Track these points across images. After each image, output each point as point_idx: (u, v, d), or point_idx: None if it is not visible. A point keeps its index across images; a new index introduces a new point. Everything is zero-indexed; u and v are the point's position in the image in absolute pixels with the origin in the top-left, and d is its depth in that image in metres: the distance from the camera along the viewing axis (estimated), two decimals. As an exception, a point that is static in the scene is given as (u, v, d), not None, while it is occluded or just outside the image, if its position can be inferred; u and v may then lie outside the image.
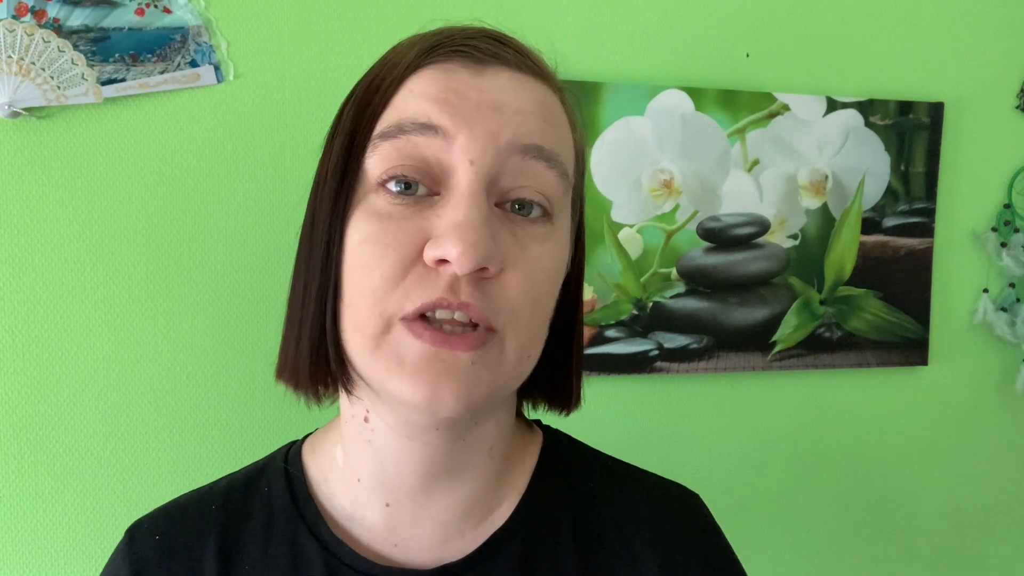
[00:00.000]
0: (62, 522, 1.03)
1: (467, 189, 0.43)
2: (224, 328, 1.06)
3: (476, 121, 0.44)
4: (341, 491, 0.52)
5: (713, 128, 1.19)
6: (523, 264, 0.44)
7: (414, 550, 0.50)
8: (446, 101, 0.44)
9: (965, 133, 1.31)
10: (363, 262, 0.44)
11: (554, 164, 0.46)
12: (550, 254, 0.46)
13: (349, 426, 0.51)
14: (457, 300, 0.42)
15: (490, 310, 0.43)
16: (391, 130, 0.45)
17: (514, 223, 0.45)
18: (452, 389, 0.42)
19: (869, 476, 1.33)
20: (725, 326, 1.22)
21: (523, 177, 0.45)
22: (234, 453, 1.08)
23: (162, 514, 0.54)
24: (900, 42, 1.27)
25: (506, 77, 0.46)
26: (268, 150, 1.06)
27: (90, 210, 1.01)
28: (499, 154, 0.44)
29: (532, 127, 0.45)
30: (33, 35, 0.97)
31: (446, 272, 0.42)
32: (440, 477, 0.49)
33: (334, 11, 1.07)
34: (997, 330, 1.32)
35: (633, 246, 1.18)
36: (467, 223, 0.42)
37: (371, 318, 0.43)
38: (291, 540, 0.51)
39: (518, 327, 0.45)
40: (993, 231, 1.32)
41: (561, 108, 0.49)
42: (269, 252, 1.06)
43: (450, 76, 0.45)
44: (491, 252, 0.42)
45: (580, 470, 0.56)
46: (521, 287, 0.44)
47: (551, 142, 0.46)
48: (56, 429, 1.02)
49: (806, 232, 1.24)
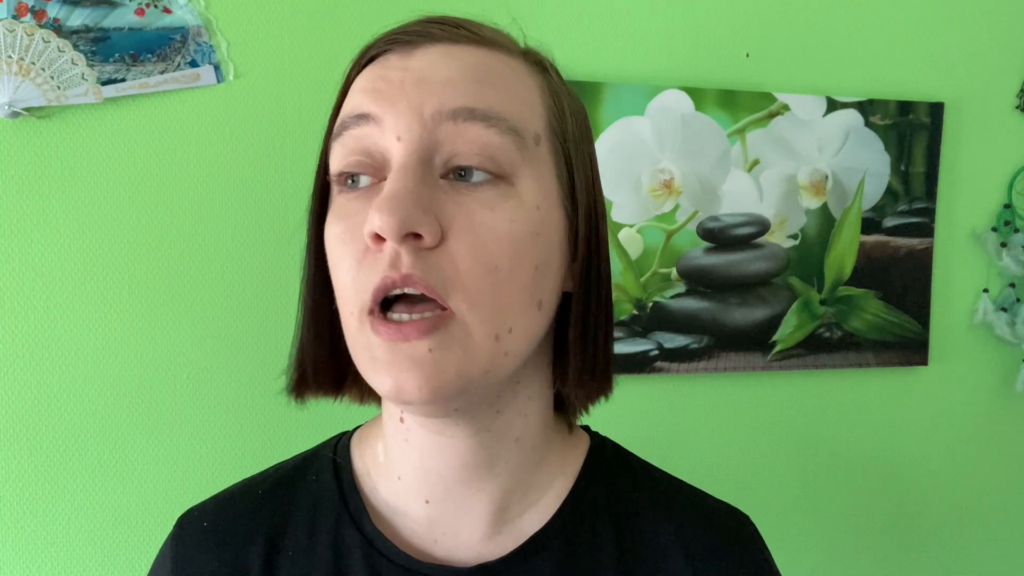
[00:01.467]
0: (62, 522, 1.03)
1: (397, 163, 0.43)
2: (224, 328, 1.06)
3: (399, 98, 0.44)
4: (383, 486, 0.52)
5: (713, 128, 1.19)
6: (467, 229, 0.43)
7: (453, 547, 0.51)
8: (374, 89, 0.45)
9: (965, 133, 1.31)
10: (334, 263, 0.45)
11: (494, 122, 0.44)
12: (505, 217, 0.44)
13: (388, 426, 0.51)
14: (399, 273, 0.41)
15: (437, 280, 0.42)
16: (337, 129, 0.46)
17: (459, 191, 0.43)
18: (413, 378, 0.42)
19: (869, 476, 1.33)
20: (725, 326, 1.22)
21: (460, 142, 0.43)
22: (234, 453, 1.08)
23: (212, 502, 0.55)
24: (900, 42, 1.27)
25: (436, 52, 0.46)
26: (268, 150, 1.06)
27: (90, 210, 1.01)
28: (425, 125, 0.43)
29: (460, 91, 0.44)
30: (33, 35, 0.97)
31: (388, 248, 0.42)
32: (474, 471, 0.50)
33: (334, 11, 1.07)
34: (997, 330, 1.32)
35: (633, 246, 1.18)
36: (387, 194, 0.41)
37: (350, 317, 0.44)
38: (334, 531, 0.51)
39: (477, 301, 0.43)
40: (993, 231, 1.32)
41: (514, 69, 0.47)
42: (269, 251, 1.06)
43: (382, 65, 0.46)
44: (413, 216, 0.41)
45: (626, 479, 0.56)
46: (469, 254, 0.42)
47: (487, 101, 0.44)
48: (56, 429, 1.02)
49: (806, 232, 1.24)
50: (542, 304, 0.47)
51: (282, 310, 1.07)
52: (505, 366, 0.45)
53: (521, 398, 0.50)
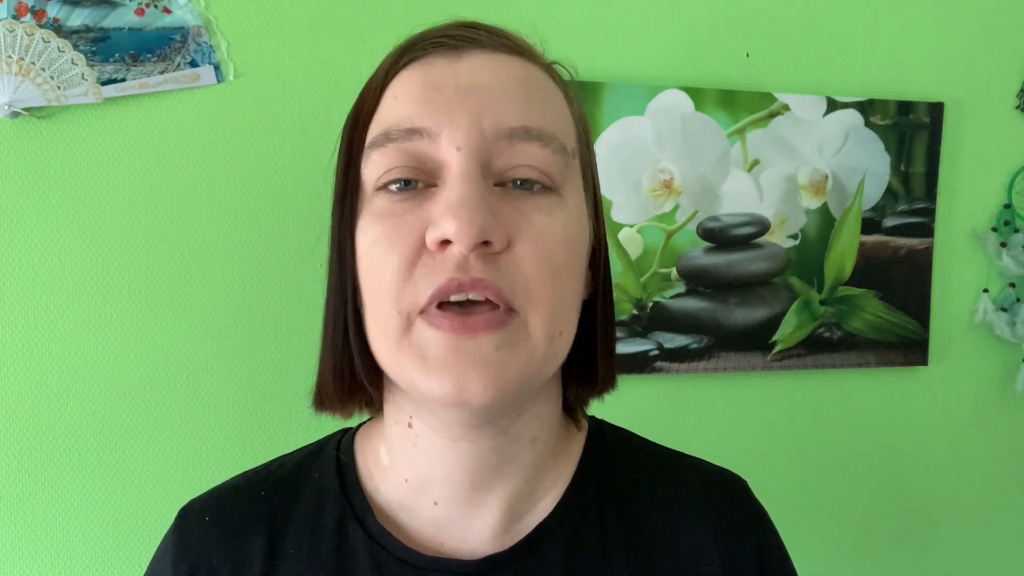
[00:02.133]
0: (62, 522, 1.03)
1: (458, 171, 0.43)
2: (224, 328, 1.06)
3: (456, 108, 0.44)
4: (386, 487, 0.52)
5: (713, 128, 1.19)
6: (531, 235, 0.43)
7: (461, 546, 0.50)
8: (426, 99, 0.44)
9: (965, 133, 1.31)
10: (374, 264, 0.44)
11: (547, 141, 0.45)
12: (561, 223, 0.45)
13: (393, 431, 0.51)
14: (468, 277, 0.41)
15: (505, 284, 0.42)
16: (379, 139, 0.45)
17: (517, 198, 0.44)
18: (479, 377, 0.41)
19: (869, 476, 1.33)
20: (725, 326, 1.22)
21: (517, 158, 0.44)
22: (234, 453, 1.08)
23: (213, 495, 0.55)
24: (900, 42, 1.27)
25: (483, 58, 0.46)
26: (268, 150, 1.06)
27: (90, 210, 1.01)
28: (484, 137, 0.44)
29: (515, 107, 0.45)
30: (33, 35, 0.97)
31: (452, 253, 0.42)
32: (487, 474, 0.49)
33: (334, 11, 1.07)
34: (997, 330, 1.32)
35: (633, 246, 1.18)
36: (460, 199, 0.41)
37: (391, 318, 0.44)
38: (338, 528, 0.51)
39: (539, 303, 0.43)
40: (993, 231, 1.32)
41: (549, 81, 0.49)
42: (269, 251, 1.06)
43: (428, 70, 0.46)
44: (489, 224, 0.41)
45: (628, 459, 0.56)
46: (534, 258, 0.43)
47: (538, 119, 0.45)
48: (56, 429, 1.02)
49: (806, 232, 1.24)
50: (578, 311, 0.49)
51: (282, 310, 1.07)
52: (552, 368, 0.47)
53: (540, 400, 0.51)
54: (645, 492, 0.54)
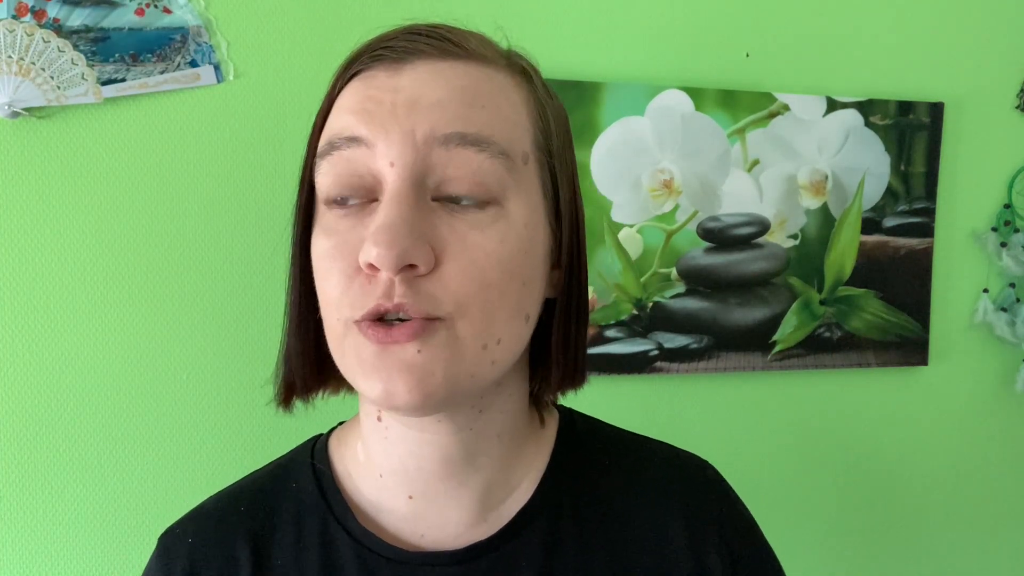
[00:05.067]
0: (62, 522, 1.03)
1: (390, 191, 0.44)
2: (224, 328, 1.06)
3: (391, 123, 0.44)
4: (365, 485, 0.53)
5: (713, 128, 1.19)
6: (462, 254, 0.44)
7: (440, 539, 0.52)
8: (364, 110, 0.45)
9: (965, 133, 1.31)
10: (321, 275, 0.47)
11: (485, 146, 0.45)
12: (496, 238, 0.45)
13: (366, 424, 0.53)
14: (391, 303, 0.43)
15: (429, 305, 0.43)
16: (325, 148, 0.46)
17: (453, 214, 0.45)
18: (404, 382, 0.43)
19: (869, 476, 1.33)
20: (725, 326, 1.22)
21: (453, 167, 0.44)
22: (234, 453, 1.08)
23: (191, 517, 0.55)
24: (900, 42, 1.27)
25: (424, 70, 0.46)
26: (268, 150, 1.06)
27: (90, 210, 1.02)
28: (418, 150, 0.44)
29: (451, 115, 0.44)
30: (33, 35, 0.97)
31: (382, 277, 0.43)
32: (456, 467, 0.51)
33: (334, 11, 1.07)
34: (997, 330, 1.32)
35: (633, 246, 1.18)
36: (383, 224, 0.42)
37: (335, 325, 0.46)
38: (321, 533, 0.52)
39: (468, 313, 0.44)
40: (993, 231, 1.32)
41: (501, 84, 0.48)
42: (269, 252, 1.06)
43: (369, 83, 0.46)
44: (411, 248, 0.42)
45: (595, 445, 0.58)
46: (463, 276, 0.44)
47: (475, 125, 0.45)
48: (56, 429, 1.02)
49: (806, 232, 1.24)
50: (529, 317, 0.49)
51: (282, 310, 1.07)
52: (491, 373, 0.47)
53: (503, 397, 0.52)
54: (615, 477, 0.56)
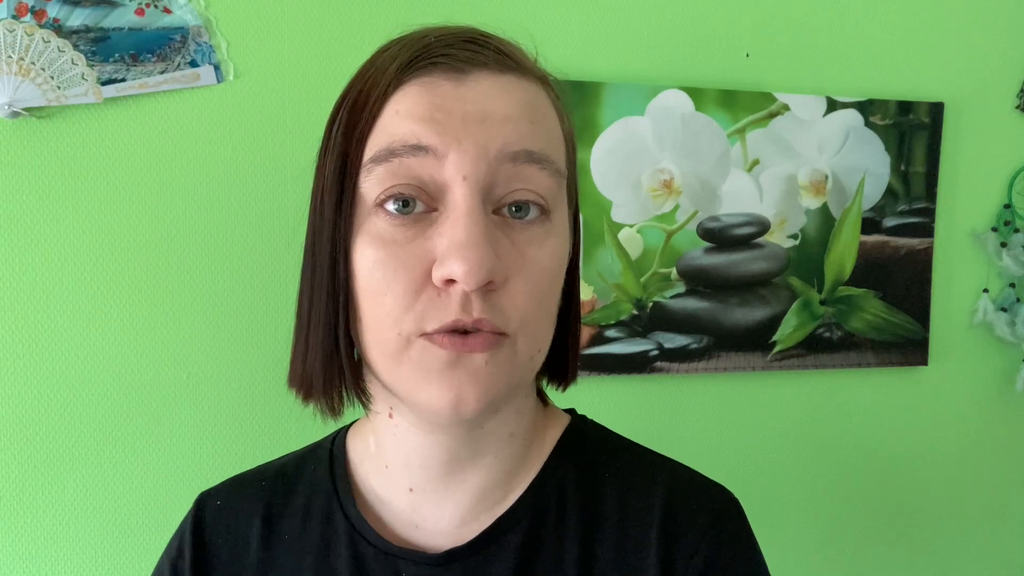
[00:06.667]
0: (62, 522, 1.03)
1: (464, 206, 0.44)
2: (224, 328, 1.06)
3: (464, 135, 0.44)
4: (373, 475, 0.55)
5: (713, 128, 1.19)
6: (524, 270, 0.46)
7: (433, 532, 0.53)
8: (432, 120, 0.45)
9: (965, 133, 1.31)
10: (375, 287, 0.46)
11: (546, 165, 0.47)
12: (549, 253, 0.48)
13: (377, 419, 0.54)
14: (471, 318, 0.44)
15: (501, 320, 0.45)
16: (383, 154, 0.45)
17: (512, 228, 0.46)
18: (473, 391, 0.45)
19: (869, 476, 1.33)
20: (725, 326, 1.22)
21: (516, 181, 0.46)
22: (234, 453, 1.08)
23: (225, 485, 0.60)
24: (900, 42, 1.27)
25: (488, 82, 0.46)
26: (268, 150, 1.06)
27: (90, 210, 1.01)
28: (490, 165, 0.45)
29: (520, 132, 0.46)
30: (33, 35, 0.97)
31: (456, 291, 0.44)
32: (461, 464, 0.52)
33: (334, 11, 1.07)
34: (997, 330, 1.32)
35: (633, 246, 1.18)
36: (468, 241, 0.43)
37: (391, 339, 0.46)
38: (326, 515, 0.55)
39: (527, 329, 0.47)
40: (993, 231, 1.32)
41: (547, 101, 0.50)
42: (269, 252, 1.06)
43: (433, 91, 0.46)
44: (495, 266, 0.44)
45: (601, 457, 0.57)
46: (526, 292, 0.46)
47: (540, 143, 0.47)
48: (56, 429, 1.02)
49: (806, 232, 1.24)
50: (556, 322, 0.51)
51: (283, 310, 1.07)
52: (530, 377, 0.50)
53: (520, 397, 0.53)
54: (609, 491, 0.54)
